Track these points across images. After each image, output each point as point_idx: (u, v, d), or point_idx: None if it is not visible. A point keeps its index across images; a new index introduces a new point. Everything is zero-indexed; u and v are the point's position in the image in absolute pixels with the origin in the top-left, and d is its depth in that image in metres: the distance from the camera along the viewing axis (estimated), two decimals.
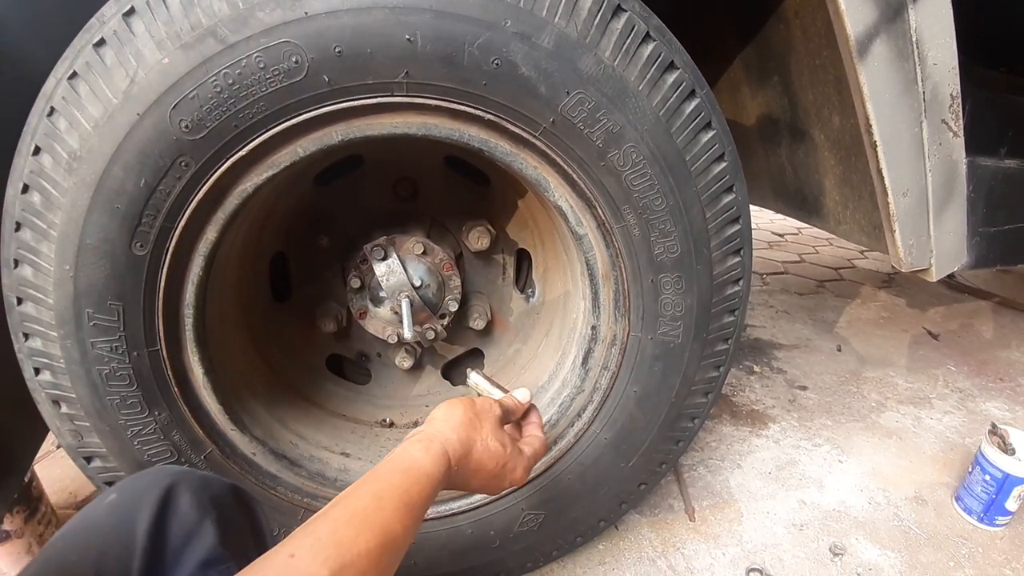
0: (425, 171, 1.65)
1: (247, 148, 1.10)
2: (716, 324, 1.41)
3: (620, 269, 1.32)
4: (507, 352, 1.86)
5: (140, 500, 0.86)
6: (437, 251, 1.60)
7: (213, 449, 1.36)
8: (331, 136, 1.14)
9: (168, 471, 0.94)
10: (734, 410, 2.65)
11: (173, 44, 1.02)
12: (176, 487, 0.90)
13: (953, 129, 1.49)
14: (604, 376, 1.44)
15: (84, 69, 1.04)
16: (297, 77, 1.05)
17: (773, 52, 1.84)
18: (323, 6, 1.01)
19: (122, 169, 1.06)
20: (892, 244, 1.58)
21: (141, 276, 1.15)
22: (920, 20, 1.34)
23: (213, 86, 1.03)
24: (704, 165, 1.25)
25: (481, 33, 1.06)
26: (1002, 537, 1.97)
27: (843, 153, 1.74)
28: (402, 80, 1.08)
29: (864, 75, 1.35)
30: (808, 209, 2.11)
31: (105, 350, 1.19)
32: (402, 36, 1.04)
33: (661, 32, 1.16)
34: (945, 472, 2.29)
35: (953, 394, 2.92)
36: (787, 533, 1.93)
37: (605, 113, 1.15)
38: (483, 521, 1.54)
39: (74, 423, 1.25)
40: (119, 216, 1.09)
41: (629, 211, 1.25)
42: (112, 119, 1.04)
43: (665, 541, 1.87)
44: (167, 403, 1.28)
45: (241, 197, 1.17)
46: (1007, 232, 1.82)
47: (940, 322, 3.84)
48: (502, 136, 1.19)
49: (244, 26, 1.01)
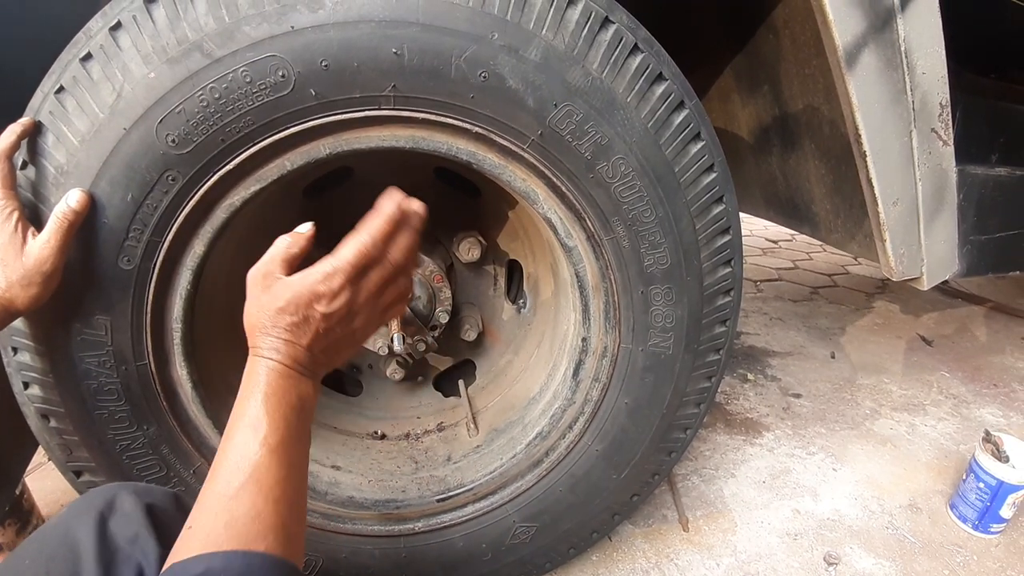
0: (415, 183, 1.65)
1: (234, 162, 1.10)
2: (707, 335, 1.40)
3: (610, 281, 1.32)
4: (499, 363, 1.86)
5: (83, 508, 0.89)
6: (427, 263, 1.60)
7: (203, 463, 1.35)
8: (319, 150, 1.14)
9: (113, 484, 0.98)
10: (728, 419, 2.65)
11: (160, 58, 1.02)
12: (118, 495, 0.93)
13: (943, 138, 1.49)
14: (595, 388, 1.44)
15: (71, 83, 1.04)
16: (284, 91, 1.04)
17: (763, 61, 1.84)
18: (310, 20, 1.01)
19: (109, 183, 1.07)
20: (883, 253, 1.58)
21: (128, 290, 1.15)
22: (908, 30, 1.35)
23: (200, 100, 1.03)
24: (693, 176, 1.25)
25: (468, 46, 1.05)
26: (997, 545, 1.97)
27: (833, 162, 1.75)
28: (389, 93, 1.08)
29: (853, 85, 1.35)
30: (799, 218, 2.11)
31: (93, 364, 1.19)
32: (389, 49, 1.04)
33: (649, 44, 1.16)
34: (939, 480, 2.29)
35: (947, 401, 2.92)
36: (781, 543, 1.93)
37: (593, 125, 1.15)
38: (474, 534, 1.54)
39: (63, 437, 1.25)
40: (106, 230, 1.09)
41: (618, 223, 1.25)
42: (99, 133, 1.04)
43: (659, 551, 1.86)
44: (156, 417, 1.27)
45: (229, 211, 1.17)
46: (998, 240, 1.83)
47: (934, 328, 3.85)
48: (490, 149, 1.19)
49: (230, 40, 1.01)
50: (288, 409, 0.82)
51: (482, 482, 1.52)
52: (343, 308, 0.87)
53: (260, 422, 0.78)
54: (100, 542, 0.85)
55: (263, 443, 0.77)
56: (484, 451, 1.60)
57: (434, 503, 1.51)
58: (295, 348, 0.85)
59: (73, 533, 0.86)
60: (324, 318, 0.86)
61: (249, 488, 0.74)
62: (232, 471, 0.75)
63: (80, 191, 1.05)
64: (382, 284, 0.92)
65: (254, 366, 0.84)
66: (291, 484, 0.78)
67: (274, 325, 0.84)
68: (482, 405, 1.79)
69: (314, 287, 0.85)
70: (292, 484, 0.79)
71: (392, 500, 1.51)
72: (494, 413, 1.73)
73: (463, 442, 1.68)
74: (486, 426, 1.69)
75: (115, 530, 0.87)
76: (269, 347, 0.84)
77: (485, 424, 1.70)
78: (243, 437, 0.78)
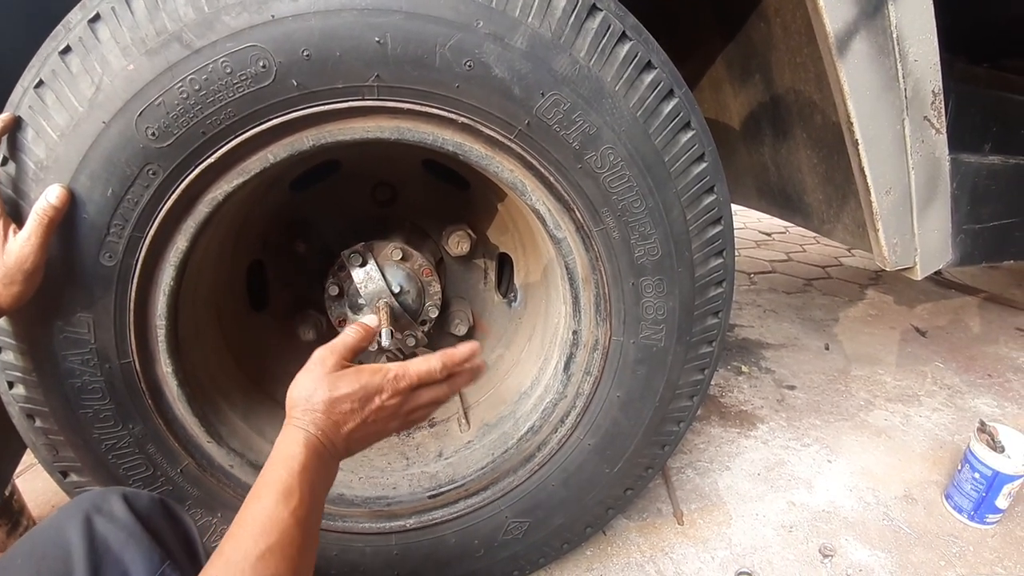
0: (403, 176, 1.64)
1: (216, 155, 1.09)
2: (700, 326, 1.39)
3: (600, 273, 1.31)
4: (490, 358, 1.84)
5: (73, 512, 0.91)
6: (416, 256, 1.58)
7: (189, 462, 1.34)
8: (302, 141, 1.12)
9: (103, 488, 1.01)
10: (722, 411, 2.64)
11: (138, 50, 1.00)
12: (108, 498, 0.94)
13: (936, 126, 1.48)
14: (587, 381, 1.42)
15: (50, 77, 1.03)
16: (265, 82, 1.03)
17: (755, 50, 1.82)
18: (290, 9, 0.99)
19: (89, 178, 1.05)
20: (876, 243, 1.57)
21: (110, 287, 1.13)
22: (900, 16, 1.33)
23: (179, 92, 1.02)
24: (684, 166, 1.23)
25: (452, 34, 1.04)
26: (993, 535, 1.96)
27: (826, 151, 1.73)
28: (373, 83, 1.06)
29: (844, 72, 1.34)
30: (792, 208, 2.10)
31: (76, 363, 1.17)
32: (371, 38, 1.02)
33: (638, 31, 1.15)
34: (935, 470, 2.29)
35: (942, 391, 2.92)
36: (776, 535, 1.92)
37: (581, 114, 1.14)
38: (467, 530, 1.52)
39: (48, 437, 1.24)
40: (86, 226, 1.07)
41: (608, 214, 1.24)
42: (78, 127, 1.03)
43: (653, 545, 1.86)
44: (141, 416, 1.26)
45: (212, 205, 1.15)
46: (992, 229, 1.82)
47: (928, 319, 3.84)
48: (477, 139, 1.17)
49: (210, 31, 0.99)
50: (318, 485, 0.89)
51: (474, 478, 1.51)
52: (394, 407, 0.98)
53: (293, 492, 0.83)
54: (90, 545, 0.86)
55: (293, 513, 0.82)
56: (475, 446, 1.59)
57: (425, 499, 1.50)
58: (337, 433, 0.93)
59: (64, 535, 0.87)
60: (376, 411, 0.96)
61: (276, 553, 0.78)
62: (260, 533, 0.79)
63: (59, 187, 1.03)
64: (430, 403, 1.03)
65: (293, 436, 0.90)
66: (308, 555, 0.84)
67: (329, 407, 0.92)
68: (473, 400, 1.78)
69: (381, 383, 0.96)
70: (309, 555, 0.85)
71: (383, 497, 1.50)
72: (485, 408, 1.72)
73: (454, 437, 1.67)
74: (477, 421, 1.68)
75: (105, 533, 0.89)
76: (315, 424, 0.91)
77: (476, 419, 1.69)
78: (274, 502, 0.82)
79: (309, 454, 0.88)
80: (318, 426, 0.91)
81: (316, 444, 0.90)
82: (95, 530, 0.88)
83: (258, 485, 0.85)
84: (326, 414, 0.92)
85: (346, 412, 0.94)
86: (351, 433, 0.95)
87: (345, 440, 0.95)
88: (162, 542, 0.93)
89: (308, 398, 0.93)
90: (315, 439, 0.90)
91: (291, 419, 0.93)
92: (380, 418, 0.97)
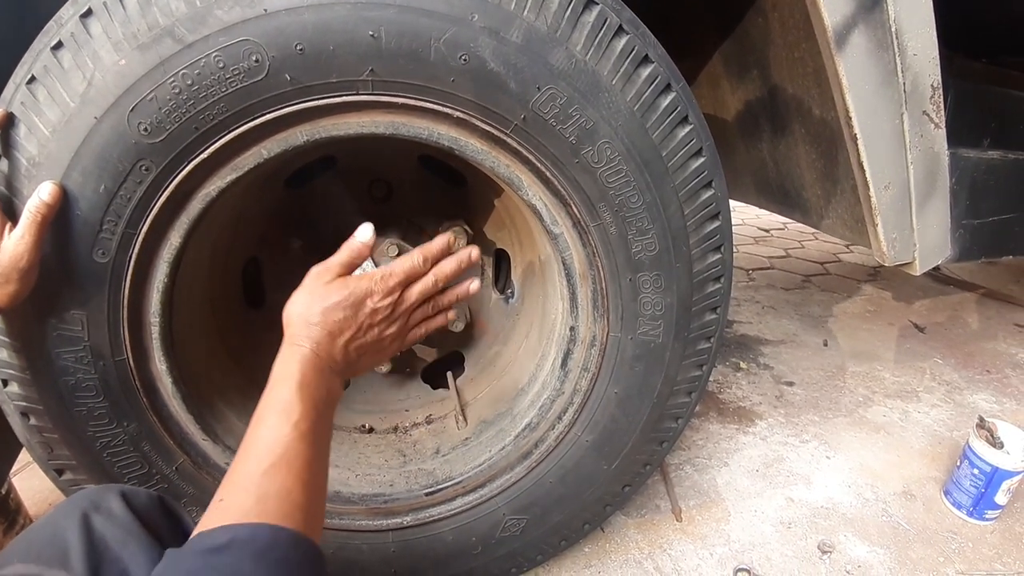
0: (399, 172, 1.63)
1: (209, 151, 1.08)
2: (697, 322, 1.38)
3: (597, 268, 1.30)
4: (487, 354, 1.83)
5: (70, 509, 0.90)
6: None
7: (185, 460, 1.33)
8: (296, 137, 1.11)
9: (100, 486, 1.00)
10: (721, 407, 2.63)
11: (130, 45, 0.99)
12: (105, 496, 0.94)
13: (935, 120, 1.47)
14: (584, 378, 1.42)
15: (42, 73, 1.02)
16: (258, 76, 1.02)
17: (752, 45, 1.82)
18: (283, 3, 0.98)
19: (81, 174, 1.04)
20: (875, 238, 1.57)
21: (104, 284, 1.13)
22: (899, 10, 1.33)
23: (172, 87, 1.01)
24: (681, 161, 1.22)
25: (447, 28, 1.03)
26: (992, 531, 1.96)
27: (824, 147, 1.73)
28: (367, 78, 1.05)
29: (843, 67, 1.33)
30: (790, 204, 2.09)
31: (70, 360, 1.16)
32: (366, 32, 1.01)
33: (634, 25, 1.14)
34: (933, 466, 2.28)
35: (940, 387, 2.92)
36: (775, 531, 1.91)
37: (578, 109, 1.13)
38: (464, 527, 1.52)
39: (43, 435, 1.23)
40: (79, 222, 1.07)
41: (605, 209, 1.23)
42: (70, 123, 1.02)
43: (652, 542, 1.85)
44: (136, 414, 1.25)
45: (205, 201, 1.14)
46: (991, 224, 1.81)
47: (926, 315, 3.84)
48: (472, 134, 1.16)
49: (202, 25, 0.98)
50: (319, 400, 0.90)
51: (471, 475, 1.50)
52: (388, 308, 1.01)
53: (293, 408, 0.85)
54: (88, 543, 0.86)
55: (295, 427, 0.84)
56: (473, 443, 1.58)
57: (423, 497, 1.49)
58: (333, 345, 0.96)
59: (61, 533, 0.87)
60: (371, 314, 0.99)
61: (281, 468, 0.79)
62: (264, 451, 0.81)
63: (52, 183, 1.02)
64: (421, 298, 1.06)
65: (290, 354, 0.93)
66: (317, 469, 0.86)
67: (323, 317, 0.95)
68: (471, 397, 1.77)
69: (370, 285, 0.99)
70: (318, 469, 0.86)
71: (380, 494, 1.49)
72: (483, 405, 1.71)
73: (452, 434, 1.66)
74: (475, 418, 1.67)
75: (102, 531, 0.88)
76: (310, 338, 0.94)
77: (474, 416, 1.68)
78: (276, 420, 0.84)
79: (306, 369, 0.90)
80: (314, 339, 0.94)
81: (313, 359, 0.92)
82: (93, 528, 0.88)
83: (259, 408, 0.87)
84: (321, 326, 0.95)
85: (340, 321, 0.96)
86: (348, 343, 0.98)
87: (343, 351, 0.97)
88: (161, 540, 0.92)
89: (301, 313, 0.96)
90: (311, 353, 0.93)
91: (287, 338, 0.96)
92: (375, 323, 1.01)
